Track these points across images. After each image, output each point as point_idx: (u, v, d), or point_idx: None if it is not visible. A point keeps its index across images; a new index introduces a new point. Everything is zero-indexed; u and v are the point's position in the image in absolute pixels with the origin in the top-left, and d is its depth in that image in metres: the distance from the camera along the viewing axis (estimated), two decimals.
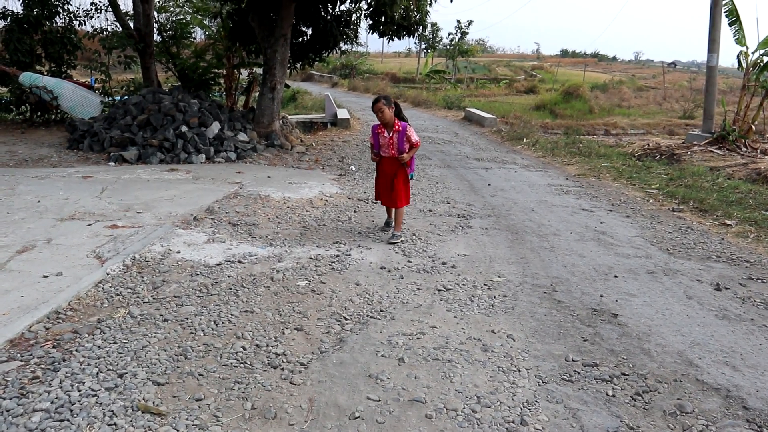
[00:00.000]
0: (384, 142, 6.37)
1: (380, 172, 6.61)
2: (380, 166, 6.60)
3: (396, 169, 6.43)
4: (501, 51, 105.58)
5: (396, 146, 6.32)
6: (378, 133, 6.40)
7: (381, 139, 6.39)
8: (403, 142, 6.29)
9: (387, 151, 6.40)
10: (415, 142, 6.37)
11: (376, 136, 6.43)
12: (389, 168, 6.46)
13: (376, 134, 6.42)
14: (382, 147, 6.42)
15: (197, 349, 3.74)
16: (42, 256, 5.27)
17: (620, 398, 3.41)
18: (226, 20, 13.96)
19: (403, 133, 6.27)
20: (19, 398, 3.11)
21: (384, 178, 6.55)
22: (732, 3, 14.34)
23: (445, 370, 3.64)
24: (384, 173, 6.53)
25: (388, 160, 6.44)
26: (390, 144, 6.34)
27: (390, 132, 6.30)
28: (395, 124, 6.25)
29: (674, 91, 34.07)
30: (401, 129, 6.26)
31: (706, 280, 5.48)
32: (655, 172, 11.19)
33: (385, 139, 6.36)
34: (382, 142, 6.39)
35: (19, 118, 14.20)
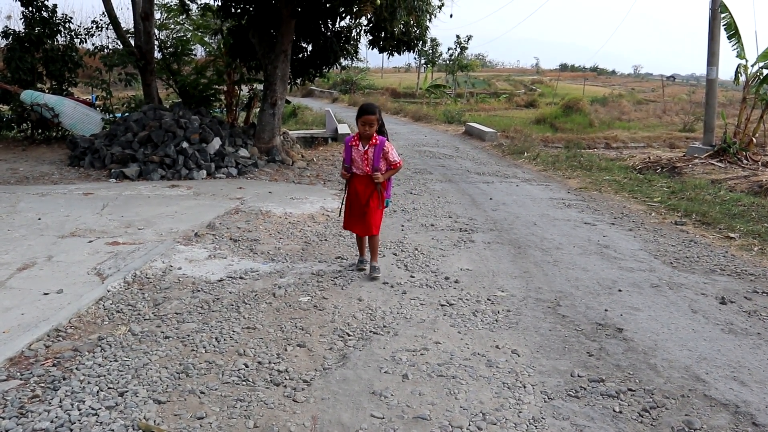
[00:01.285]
0: (357, 156, 5.52)
1: (351, 193, 5.71)
2: (351, 186, 5.69)
3: (371, 191, 5.57)
4: (500, 65, 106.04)
5: (371, 162, 5.48)
6: (352, 146, 5.57)
7: (354, 152, 5.54)
8: (379, 159, 5.46)
9: (360, 167, 5.55)
10: (394, 162, 5.54)
11: (349, 149, 5.59)
12: (362, 188, 5.59)
13: (349, 147, 5.59)
14: (355, 162, 5.57)
15: (199, 367, 3.70)
16: (42, 273, 5.24)
17: (627, 414, 3.37)
18: (226, 37, 14.01)
19: (379, 148, 5.44)
20: (19, 417, 3.07)
21: (356, 200, 5.66)
22: (731, 17, 14.39)
23: (449, 386, 3.59)
24: (356, 194, 5.64)
25: (362, 178, 5.58)
26: (364, 159, 5.49)
27: (365, 146, 5.47)
28: (372, 138, 5.43)
29: (674, 104, 34.15)
30: (378, 143, 5.44)
31: (711, 294, 5.44)
32: (657, 185, 11.17)
33: (359, 153, 5.50)
34: (356, 156, 5.53)
35: (20, 135, 14.20)
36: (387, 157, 5.49)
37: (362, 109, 5.45)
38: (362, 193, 5.58)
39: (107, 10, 13.91)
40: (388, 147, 5.49)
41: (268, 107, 12.35)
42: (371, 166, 5.48)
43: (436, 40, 40.88)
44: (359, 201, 5.61)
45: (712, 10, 14.47)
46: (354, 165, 5.58)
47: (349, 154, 5.59)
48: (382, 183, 5.56)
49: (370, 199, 5.57)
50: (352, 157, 5.57)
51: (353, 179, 5.63)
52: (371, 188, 5.57)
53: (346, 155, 5.63)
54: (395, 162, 5.55)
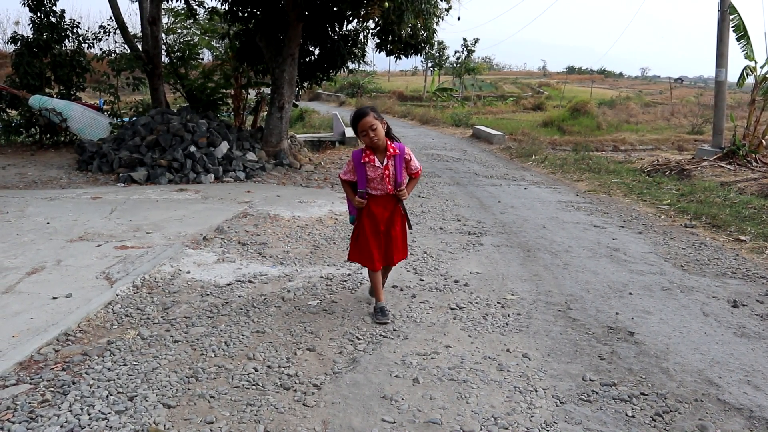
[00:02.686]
0: (376, 174, 4.48)
1: (368, 221, 4.60)
2: (367, 213, 4.59)
3: (391, 211, 4.61)
4: (507, 68, 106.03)
5: (393, 178, 4.49)
6: (365, 162, 4.46)
7: (371, 170, 4.48)
8: (402, 171, 4.52)
9: (380, 187, 4.53)
10: (416, 170, 4.66)
11: (362, 167, 4.49)
12: (380, 210, 4.58)
13: (362, 165, 4.47)
14: (372, 182, 4.52)
15: (208, 371, 3.69)
16: (51, 277, 5.24)
17: (640, 419, 3.33)
18: (233, 41, 14.04)
19: (401, 158, 4.50)
20: (29, 422, 3.06)
21: (372, 227, 4.59)
22: (739, 18, 14.32)
23: (460, 390, 3.57)
24: (372, 219, 4.58)
25: (382, 199, 4.57)
26: (386, 176, 4.47)
27: (383, 159, 4.45)
28: (388, 147, 4.44)
29: (682, 106, 34.01)
30: (399, 152, 4.48)
31: (722, 297, 5.39)
32: (666, 187, 11.12)
33: (377, 171, 4.46)
34: (373, 174, 4.48)
35: (28, 140, 14.27)
36: (409, 165, 4.59)
37: (353, 117, 4.41)
38: (381, 216, 4.57)
39: (115, 15, 13.97)
40: (409, 153, 4.56)
41: (275, 111, 12.36)
42: (393, 182, 4.51)
43: (443, 43, 40.92)
44: (377, 227, 4.59)
45: (721, 12, 14.40)
46: (369, 186, 4.54)
47: (362, 173, 4.50)
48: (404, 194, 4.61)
49: (394, 223, 4.64)
50: (368, 176, 4.50)
51: (370, 203, 4.59)
52: (391, 207, 4.61)
53: (359, 175, 4.51)
54: (418, 169, 4.67)
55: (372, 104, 4.04)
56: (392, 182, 4.52)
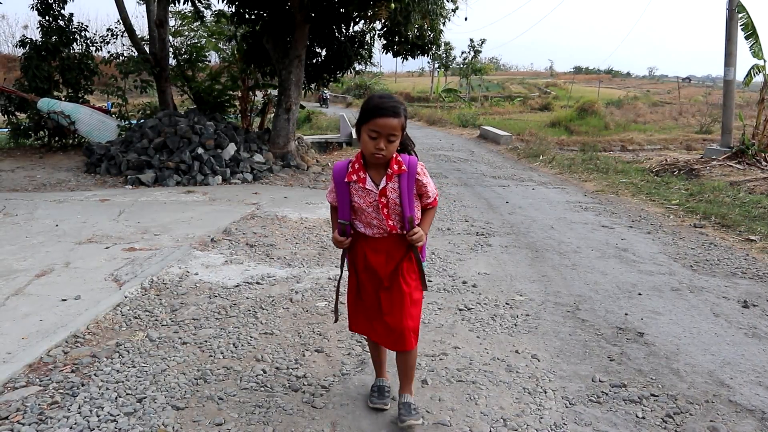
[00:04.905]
0: (367, 202, 2.99)
1: (359, 269, 3.17)
2: (357, 254, 3.15)
3: (398, 261, 3.05)
4: (514, 69, 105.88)
5: (395, 210, 2.98)
6: (352, 182, 2.99)
7: (359, 195, 2.99)
8: (412, 198, 2.97)
9: (375, 222, 3.03)
10: (433, 196, 3.09)
11: (345, 188, 3.01)
12: (381, 258, 3.07)
13: (345, 184, 3.01)
14: (362, 214, 3.04)
15: (217, 373, 3.69)
16: (60, 279, 5.25)
17: (651, 420, 3.31)
18: (240, 43, 14.08)
19: (410, 179, 2.95)
20: (38, 424, 3.06)
21: (369, 282, 3.13)
22: (748, 16, 14.26)
23: (469, 391, 3.55)
24: (368, 270, 3.11)
25: (378, 241, 3.07)
26: (382, 206, 2.96)
27: (381, 179, 2.96)
28: (393, 160, 2.94)
29: (690, 105, 33.91)
30: (409, 170, 2.94)
31: (732, 297, 5.36)
32: (675, 187, 11.07)
33: (369, 196, 2.97)
34: (363, 202, 3.00)
35: (37, 143, 14.33)
36: (424, 191, 3.04)
37: (375, 106, 2.82)
38: (381, 268, 3.06)
39: (122, 18, 14.04)
40: (423, 171, 3.01)
41: (282, 112, 12.38)
42: (397, 216, 2.99)
43: (449, 44, 40.93)
44: (376, 282, 3.11)
45: (729, 10, 14.34)
46: (358, 218, 3.07)
47: (346, 198, 3.02)
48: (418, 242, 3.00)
49: (400, 278, 3.05)
50: (354, 204, 3.03)
51: (359, 244, 3.12)
52: (399, 255, 3.06)
53: (340, 201, 3.05)
54: (434, 196, 3.10)
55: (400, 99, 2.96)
56: (395, 216, 2.98)
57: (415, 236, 2.98)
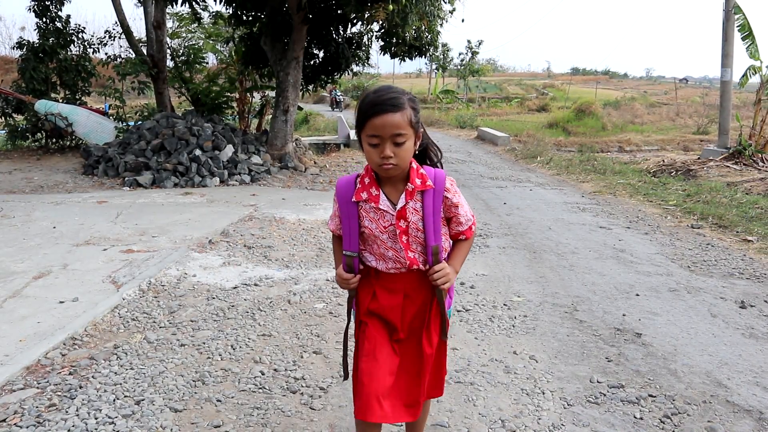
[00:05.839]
0: (380, 226, 2.31)
1: (363, 318, 2.44)
2: (367, 299, 2.43)
3: (417, 308, 2.41)
4: (512, 70, 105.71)
5: (418, 239, 2.32)
6: (362, 202, 2.33)
7: (371, 217, 2.32)
8: (439, 223, 2.32)
9: (390, 254, 2.34)
10: (469, 223, 2.40)
11: (353, 208, 2.33)
12: (396, 304, 2.39)
13: (353, 205, 2.33)
14: (374, 242, 2.36)
15: (215, 374, 3.69)
16: (58, 281, 5.25)
17: (649, 421, 3.32)
18: (238, 44, 14.09)
19: (437, 200, 2.30)
20: (36, 426, 3.06)
21: (381, 335, 2.40)
22: (744, 17, 14.28)
23: (467, 393, 3.56)
24: (382, 320, 2.43)
25: (400, 281, 2.39)
26: (401, 232, 2.29)
27: (399, 198, 2.28)
28: (412, 173, 2.27)
29: (687, 106, 33.90)
30: (435, 186, 2.28)
31: (730, 298, 5.37)
32: (672, 188, 11.08)
33: (384, 219, 2.30)
34: (373, 227, 2.32)
35: (34, 145, 14.31)
36: (455, 215, 2.36)
37: (369, 104, 2.16)
38: (396, 314, 2.39)
39: (120, 20, 14.04)
40: (453, 188, 2.34)
41: (280, 114, 12.37)
42: (419, 246, 2.33)
43: (447, 45, 40.89)
44: (385, 331, 2.42)
45: (726, 11, 14.36)
46: (368, 249, 2.40)
47: (354, 222, 2.35)
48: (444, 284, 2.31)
49: (423, 333, 2.39)
50: (365, 231, 2.35)
51: (367, 281, 2.44)
52: (420, 298, 2.40)
53: (345, 227, 2.37)
54: (470, 223, 2.42)
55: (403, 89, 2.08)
56: (417, 246, 2.31)
57: (437, 274, 2.26)
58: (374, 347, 2.35)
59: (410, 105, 2.17)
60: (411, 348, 2.41)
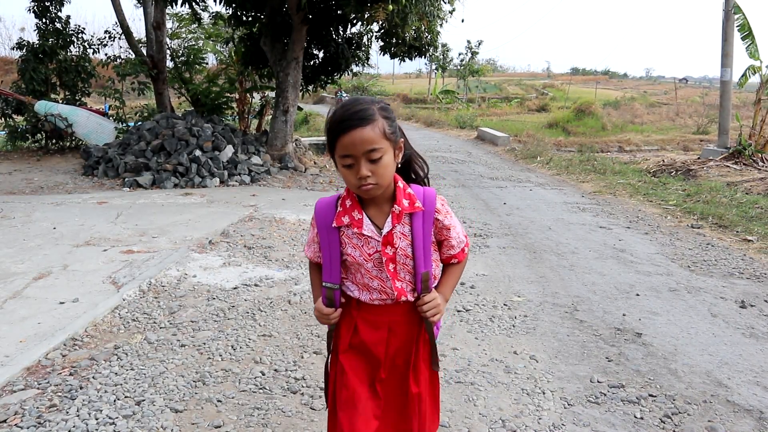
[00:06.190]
0: (365, 254, 2.05)
1: (341, 355, 2.16)
2: (347, 331, 2.16)
3: (401, 344, 2.14)
4: (511, 70, 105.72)
5: (407, 266, 2.06)
6: (344, 227, 2.06)
7: (353, 245, 2.05)
8: (429, 247, 2.08)
9: (375, 284, 2.08)
10: (461, 245, 2.16)
11: (333, 234, 2.08)
12: (379, 339, 2.12)
13: (334, 231, 2.08)
14: (357, 271, 2.10)
15: (215, 375, 3.69)
16: (58, 282, 5.25)
17: (649, 420, 3.32)
18: (238, 45, 14.09)
19: (427, 223, 2.05)
20: (37, 427, 3.07)
21: (354, 378, 2.12)
22: (744, 17, 14.28)
23: (468, 393, 3.56)
24: (354, 358, 2.15)
25: (380, 313, 2.12)
26: (387, 259, 2.03)
27: (387, 221, 2.02)
28: (399, 192, 2.03)
29: (687, 106, 33.93)
30: (426, 208, 2.04)
31: (730, 298, 5.37)
32: (672, 188, 11.08)
33: (369, 246, 2.04)
34: (356, 254, 2.05)
35: (34, 145, 14.31)
36: (446, 238, 2.14)
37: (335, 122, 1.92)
38: (379, 350, 2.13)
39: (119, 20, 14.04)
40: (444, 209, 2.11)
41: (280, 114, 12.38)
42: (408, 275, 2.09)
43: (446, 46, 40.85)
44: (366, 370, 2.17)
45: (726, 11, 14.37)
46: (351, 278, 2.15)
47: (335, 250, 2.10)
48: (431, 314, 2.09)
49: (410, 372, 2.15)
50: (347, 259, 2.10)
51: (347, 314, 2.18)
52: (406, 333, 2.15)
53: (325, 255, 2.13)
54: (462, 246, 2.19)
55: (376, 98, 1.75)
56: (405, 275, 2.07)
57: (427, 305, 2.05)
58: (352, 394, 2.10)
59: (382, 115, 1.93)
60: (395, 387, 2.15)
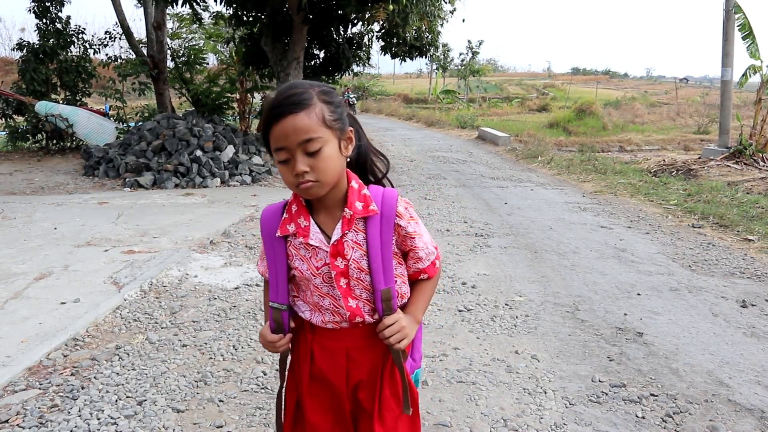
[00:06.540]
0: (312, 268, 1.72)
1: (302, 389, 1.84)
2: (299, 364, 1.86)
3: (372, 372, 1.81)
4: (512, 70, 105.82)
5: (362, 282, 1.73)
6: (291, 237, 1.74)
7: (300, 257, 1.73)
8: (390, 258, 1.72)
9: (326, 303, 1.75)
10: (430, 256, 1.83)
11: (279, 245, 1.75)
12: (337, 368, 1.80)
13: (279, 240, 1.74)
14: (305, 288, 1.80)
15: (217, 375, 3.69)
16: (59, 282, 5.25)
17: (651, 420, 3.32)
18: (238, 45, 14.10)
19: (386, 229, 1.70)
20: (38, 427, 3.07)
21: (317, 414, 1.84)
22: (745, 17, 14.28)
23: (469, 392, 3.56)
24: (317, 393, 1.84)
25: (337, 338, 1.79)
26: (337, 274, 1.71)
27: (337, 229, 1.69)
28: (351, 194, 1.70)
29: (687, 106, 33.92)
30: (383, 210, 1.70)
31: (731, 297, 5.37)
32: (673, 187, 11.07)
33: (317, 258, 1.71)
34: (303, 268, 1.73)
35: (35, 146, 14.33)
36: (412, 248, 1.80)
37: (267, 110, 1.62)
38: (339, 380, 1.81)
39: (120, 21, 14.06)
40: (406, 216, 1.75)
41: None
42: (365, 292, 1.75)
43: (447, 45, 40.90)
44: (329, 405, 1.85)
45: (726, 11, 14.37)
46: (301, 296, 1.83)
47: (281, 263, 1.77)
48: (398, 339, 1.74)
49: (375, 408, 1.79)
50: (295, 273, 1.78)
51: (302, 338, 1.86)
52: (369, 361, 1.82)
53: (271, 269, 1.79)
54: (432, 258, 1.85)
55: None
56: (362, 291, 1.75)
57: (388, 330, 1.72)
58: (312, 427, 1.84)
59: (322, 99, 1.61)
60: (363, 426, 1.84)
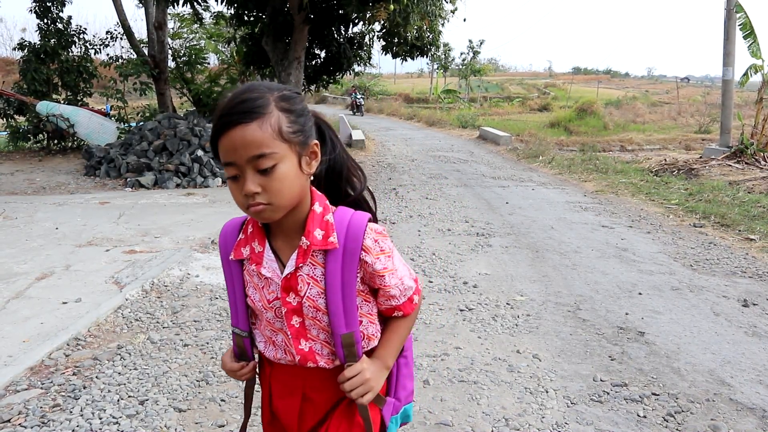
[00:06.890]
0: (264, 300, 1.49)
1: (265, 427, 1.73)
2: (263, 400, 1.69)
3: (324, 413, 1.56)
4: (513, 69, 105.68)
5: (319, 323, 1.47)
6: (245, 261, 1.52)
7: (254, 285, 1.50)
8: (353, 297, 1.44)
9: (277, 337, 1.52)
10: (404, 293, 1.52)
11: (234, 267, 1.54)
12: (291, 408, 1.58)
13: (235, 263, 1.54)
14: (262, 319, 1.54)
15: (219, 374, 3.69)
16: (61, 282, 5.26)
17: (652, 419, 3.32)
18: (239, 45, 14.12)
19: (350, 264, 1.41)
20: (41, 427, 3.07)
21: None
22: (746, 16, 14.26)
23: (471, 392, 3.56)
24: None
25: (293, 376, 1.55)
26: (289, 311, 1.46)
27: (291, 260, 1.43)
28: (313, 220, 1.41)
29: (689, 105, 33.87)
30: (346, 242, 1.41)
31: (732, 297, 5.36)
32: (674, 187, 11.07)
33: (269, 290, 1.47)
34: (256, 298, 1.50)
35: (36, 146, 14.33)
36: (381, 286, 1.49)
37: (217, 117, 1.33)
38: (293, 422, 1.59)
39: (121, 21, 14.07)
40: (374, 249, 1.43)
41: None
42: (322, 333, 1.49)
43: (448, 45, 40.90)
44: None
45: (728, 10, 14.35)
46: (258, 326, 1.60)
47: (239, 288, 1.55)
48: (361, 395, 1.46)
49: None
50: (252, 303, 1.54)
51: (264, 373, 1.69)
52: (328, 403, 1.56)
53: (230, 294, 1.58)
54: (408, 295, 1.54)
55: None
56: (318, 332, 1.49)
57: (349, 383, 1.47)
58: None
59: (280, 107, 1.34)
60: None
